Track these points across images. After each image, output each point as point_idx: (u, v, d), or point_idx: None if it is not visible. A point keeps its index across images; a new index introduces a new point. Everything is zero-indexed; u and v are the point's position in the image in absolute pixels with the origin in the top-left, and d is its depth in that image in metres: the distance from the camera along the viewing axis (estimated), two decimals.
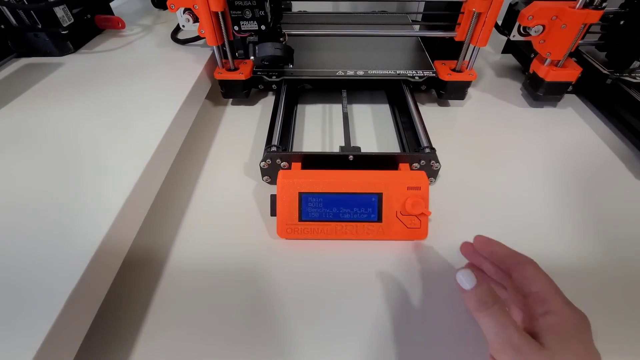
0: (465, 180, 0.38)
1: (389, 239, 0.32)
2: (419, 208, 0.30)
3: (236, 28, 0.37)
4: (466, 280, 0.22)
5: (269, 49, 0.36)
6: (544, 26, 0.42)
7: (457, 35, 0.44)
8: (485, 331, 0.20)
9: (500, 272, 0.26)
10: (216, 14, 0.39)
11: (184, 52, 0.49)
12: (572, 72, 0.44)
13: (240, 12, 0.35)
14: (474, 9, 0.39)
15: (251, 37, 0.37)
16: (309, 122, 0.47)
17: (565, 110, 0.49)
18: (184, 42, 0.51)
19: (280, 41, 0.41)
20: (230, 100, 0.51)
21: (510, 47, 0.58)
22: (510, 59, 0.59)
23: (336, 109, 0.49)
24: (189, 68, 0.45)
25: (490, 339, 0.20)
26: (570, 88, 0.46)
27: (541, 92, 0.47)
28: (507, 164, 0.40)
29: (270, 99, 0.51)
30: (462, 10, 0.42)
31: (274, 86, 0.47)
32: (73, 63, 0.47)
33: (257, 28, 0.36)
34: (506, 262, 0.24)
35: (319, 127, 0.46)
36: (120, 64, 0.47)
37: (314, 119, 0.47)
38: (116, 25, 0.54)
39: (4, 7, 0.43)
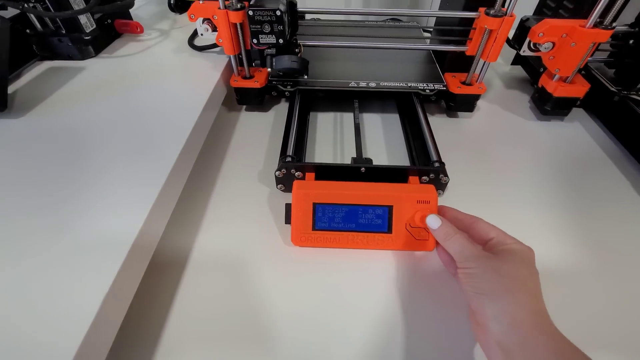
0: (472, 192, 0.39)
1: (398, 249, 0.33)
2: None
3: (255, 41, 0.38)
4: (434, 222, 0.29)
5: (286, 62, 0.38)
6: (554, 43, 0.43)
7: (468, 49, 0.45)
8: (452, 253, 0.27)
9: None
10: (235, 24, 0.41)
11: (201, 59, 0.51)
12: (580, 88, 0.45)
13: (259, 27, 0.37)
14: (485, 26, 0.40)
15: (269, 50, 0.39)
16: (320, 130, 0.48)
17: (572, 124, 0.50)
18: (201, 48, 0.52)
19: (296, 52, 0.42)
20: (244, 106, 0.52)
21: (519, 59, 0.59)
22: (519, 71, 0.60)
23: (347, 117, 0.50)
24: (207, 75, 0.47)
25: (456, 257, 0.27)
26: (578, 102, 0.47)
27: (549, 107, 0.48)
28: (513, 177, 0.42)
29: (282, 106, 0.53)
30: (473, 26, 0.43)
31: (287, 93, 0.49)
32: (94, 67, 0.48)
33: (275, 41, 0.37)
34: (465, 222, 0.30)
35: (330, 136, 0.47)
36: (140, 69, 0.48)
37: (325, 127, 0.49)
38: (135, 29, 0.56)
39: (31, 13, 0.44)
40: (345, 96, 0.49)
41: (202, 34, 0.45)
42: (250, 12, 0.35)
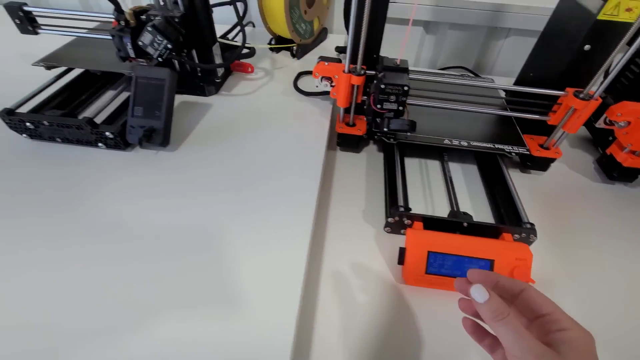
0: (542, 248, 0.45)
1: None
2: (525, 277, 0.38)
3: (379, 106, 0.45)
4: (480, 294, 0.24)
5: (400, 124, 0.45)
6: (629, 122, 0.49)
7: (551, 120, 0.51)
8: (503, 338, 0.23)
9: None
10: (352, 85, 0.49)
11: (309, 104, 0.59)
12: None
13: (386, 96, 0.44)
14: (572, 107, 0.47)
15: (387, 113, 0.46)
16: (410, 176, 0.55)
17: (637, 190, 0.55)
18: (307, 93, 0.60)
19: (403, 111, 0.50)
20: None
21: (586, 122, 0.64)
22: (583, 131, 0.65)
23: (431, 164, 0.57)
24: (319, 120, 0.55)
25: (508, 345, 0.23)
26: None
27: (616, 174, 0.53)
28: (582, 238, 0.47)
29: (371, 148, 0.60)
30: (559, 102, 0.49)
31: (375, 136, 0.56)
32: (220, 104, 0.57)
33: (396, 108, 0.45)
34: (513, 288, 0.27)
35: (418, 183, 0.54)
36: (258, 107, 0.57)
37: (412, 173, 0.56)
38: (246, 70, 0.64)
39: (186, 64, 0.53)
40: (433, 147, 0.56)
41: (317, 86, 0.53)
42: (382, 86, 0.43)
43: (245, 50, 0.62)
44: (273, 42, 0.70)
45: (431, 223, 0.43)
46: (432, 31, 0.80)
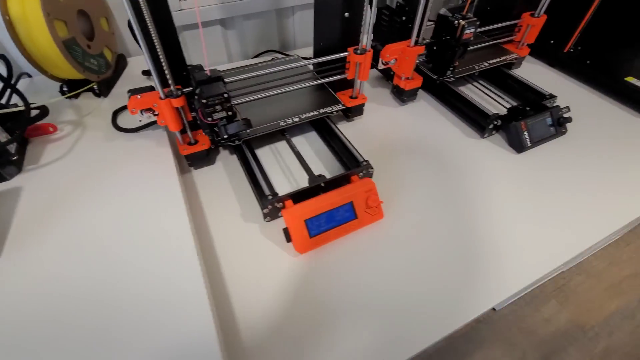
0: (382, 169, 0.58)
1: (363, 226, 0.50)
2: (375, 201, 0.49)
3: (209, 119, 0.47)
4: None
5: (237, 127, 0.48)
6: (396, 59, 0.65)
7: (348, 75, 0.63)
8: None
9: None
10: (176, 107, 0.49)
11: (141, 139, 0.56)
12: (418, 81, 0.69)
13: (212, 108, 0.46)
14: (357, 62, 0.59)
15: (221, 121, 0.49)
16: (266, 164, 0.60)
17: (420, 103, 0.75)
18: (134, 130, 0.57)
19: (234, 113, 0.53)
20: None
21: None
22: (376, 72, 0.83)
23: (281, 146, 0.64)
24: (158, 152, 0.53)
25: None
26: (418, 89, 0.71)
27: (404, 97, 0.71)
28: (397, 150, 0.63)
29: (224, 154, 0.62)
30: (348, 60, 0.61)
31: (220, 144, 0.58)
32: (33, 184, 0.48)
33: (225, 115, 0.48)
34: None
35: (276, 166, 0.60)
36: (87, 167, 0.51)
37: (267, 160, 0.61)
38: (47, 131, 0.55)
39: None
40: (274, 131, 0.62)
41: (140, 120, 0.51)
42: (204, 101, 0.45)
43: (35, 112, 0.53)
44: (66, 89, 0.61)
45: (298, 196, 0.50)
46: (230, 26, 0.84)
